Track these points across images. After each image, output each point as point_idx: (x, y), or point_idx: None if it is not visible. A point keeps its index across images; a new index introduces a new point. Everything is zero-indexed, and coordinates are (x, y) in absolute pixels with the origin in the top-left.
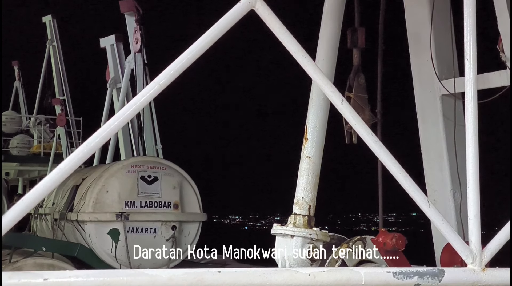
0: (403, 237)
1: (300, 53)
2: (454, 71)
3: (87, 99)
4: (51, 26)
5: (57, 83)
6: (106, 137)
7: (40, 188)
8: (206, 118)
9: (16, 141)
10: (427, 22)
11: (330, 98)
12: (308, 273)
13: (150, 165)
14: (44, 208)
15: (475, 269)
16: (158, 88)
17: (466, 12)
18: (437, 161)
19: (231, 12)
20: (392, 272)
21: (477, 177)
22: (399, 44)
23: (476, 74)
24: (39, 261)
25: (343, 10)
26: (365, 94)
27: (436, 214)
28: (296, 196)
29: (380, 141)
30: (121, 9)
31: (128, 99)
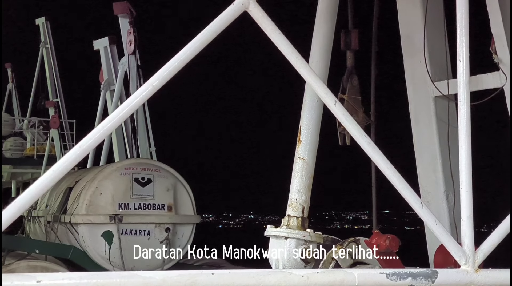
0: (397, 239)
1: (294, 55)
2: (447, 73)
3: (81, 101)
4: (45, 28)
5: (51, 85)
6: (99, 139)
7: (33, 190)
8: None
9: (9, 143)
10: (420, 24)
11: (324, 99)
12: (302, 274)
13: (144, 167)
14: (38, 211)
15: (468, 270)
16: (152, 89)
17: (458, 14)
18: (431, 163)
19: (224, 13)
20: (386, 273)
21: (470, 179)
22: (392, 46)
23: (469, 76)
24: (33, 264)
25: (336, 12)
26: (359, 96)
27: (430, 216)
28: (289, 198)
29: (373, 143)
30: (115, 11)
31: (121, 101)
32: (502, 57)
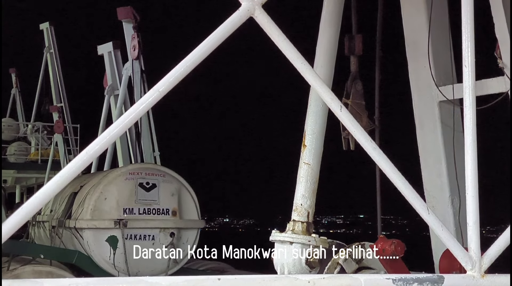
0: (402, 244)
1: (299, 60)
2: (452, 78)
3: (85, 106)
4: (49, 33)
5: (55, 90)
6: (106, 144)
7: (40, 196)
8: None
9: (14, 148)
10: (424, 29)
11: (329, 105)
12: (308, 280)
13: (149, 172)
14: (42, 216)
15: (475, 275)
16: (158, 95)
17: (464, 19)
18: (436, 167)
19: (230, 19)
20: (392, 279)
21: (476, 184)
22: (397, 51)
23: (474, 81)
24: (37, 269)
25: (340, 17)
26: (362, 101)
27: (436, 221)
28: (294, 203)
29: (379, 148)
30: (119, 16)
31: (125, 106)
32: (507, 62)
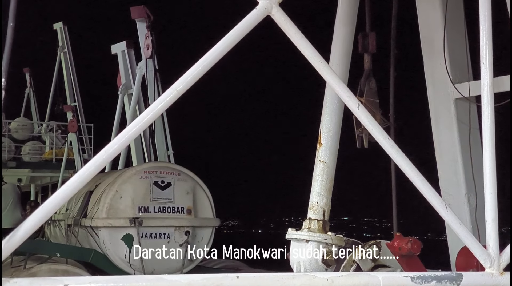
0: (419, 242)
1: (316, 58)
2: (468, 75)
3: (99, 105)
4: (62, 32)
5: (68, 89)
6: (125, 143)
7: (60, 195)
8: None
9: (28, 147)
10: (440, 26)
11: (347, 103)
12: (326, 277)
13: (163, 170)
14: (58, 214)
15: (493, 273)
16: (176, 94)
17: (481, 15)
18: (452, 165)
19: (247, 18)
20: (410, 277)
21: (494, 181)
22: (412, 49)
23: (492, 78)
24: (54, 267)
25: (356, 15)
26: (376, 99)
27: (454, 218)
28: (310, 201)
29: (396, 146)
30: (132, 15)
31: (139, 105)
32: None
